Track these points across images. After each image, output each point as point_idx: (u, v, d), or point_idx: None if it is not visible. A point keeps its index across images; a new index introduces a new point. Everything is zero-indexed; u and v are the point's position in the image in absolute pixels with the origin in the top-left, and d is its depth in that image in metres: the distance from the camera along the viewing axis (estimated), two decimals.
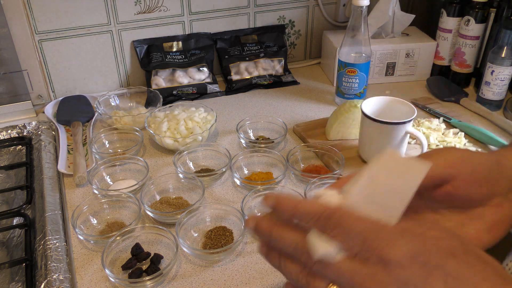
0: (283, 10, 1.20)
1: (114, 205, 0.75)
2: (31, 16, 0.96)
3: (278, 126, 0.94)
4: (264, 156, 0.86)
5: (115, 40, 1.06)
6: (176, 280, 0.63)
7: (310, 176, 0.79)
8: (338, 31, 1.21)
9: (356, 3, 0.92)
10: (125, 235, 0.67)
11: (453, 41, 1.12)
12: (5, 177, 0.86)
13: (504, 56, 0.96)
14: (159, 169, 0.85)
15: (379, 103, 0.83)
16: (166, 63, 1.09)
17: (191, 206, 0.72)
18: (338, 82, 1.03)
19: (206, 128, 0.89)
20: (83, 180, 0.80)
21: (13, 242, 0.71)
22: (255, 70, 1.15)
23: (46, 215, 0.71)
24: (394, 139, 0.78)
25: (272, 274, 0.63)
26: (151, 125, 0.91)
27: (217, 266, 0.65)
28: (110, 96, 1.03)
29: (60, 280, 0.60)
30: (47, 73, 1.03)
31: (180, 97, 1.07)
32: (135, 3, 1.04)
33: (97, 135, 0.91)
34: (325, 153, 0.86)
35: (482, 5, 1.03)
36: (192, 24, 1.12)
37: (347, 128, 0.90)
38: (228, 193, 0.79)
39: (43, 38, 0.99)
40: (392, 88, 1.15)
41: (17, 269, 0.65)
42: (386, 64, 1.14)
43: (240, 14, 1.16)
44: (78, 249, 0.68)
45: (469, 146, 0.89)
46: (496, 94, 1.01)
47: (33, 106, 1.01)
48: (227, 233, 0.68)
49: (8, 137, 0.94)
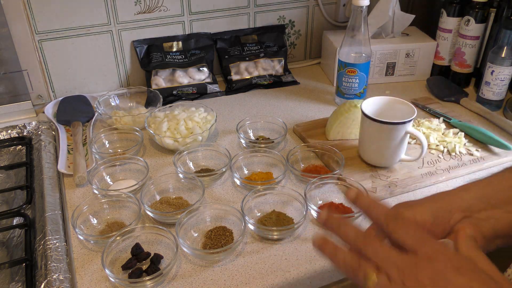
0: (283, 10, 1.20)
1: (114, 205, 0.75)
2: (31, 16, 0.96)
3: (278, 126, 0.94)
4: (264, 156, 0.86)
5: (115, 40, 1.06)
6: (176, 280, 0.63)
7: (310, 176, 0.79)
8: (338, 31, 1.21)
9: (356, 3, 0.92)
10: (125, 235, 0.67)
11: (453, 41, 1.12)
12: (5, 177, 0.86)
13: (504, 56, 0.96)
14: (159, 169, 0.85)
15: (379, 103, 0.83)
16: (166, 63, 1.09)
17: (191, 206, 0.72)
18: (338, 82, 1.03)
19: (206, 128, 0.89)
20: (83, 180, 0.80)
21: (13, 242, 0.71)
22: (255, 70, 1.15)
23: (46, 215, 0.71)
24: (394, 139, 0.79)
25: (272, 274, 0.63)
26: (151, 125, 0.91)
27: (217, 266, 0.65)
28: (110, 96, 1.03)
29: (60, 280, 0.60)
30: (47, 73, 1.03)
31: (180, 97, 1.07)
32: (135, 3, 1.04)
33: (97, 135, 0.91)
34: (325, 153, 0.86)
35: (482, 5, 1.03)
36: (192, 24, 1.12)
37: (347, 128, 0.90)
38: (228, 193, 0.79)
39: (43, 38, 0.99)
40: (392, 88, 1.15)
41: (17, 269, 0.65)
42: (386, 64, 1.14)
43: (240, 14, 1.16)
44: (78, 249, 0.68)
45: (469, 146, 0.89)
46: (496, 94, 1.01)
47: (33, 106, 1.01)
48: (227, 233, 0.68)
49: (8, 137, 0.94)
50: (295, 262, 0.65)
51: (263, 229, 0.69)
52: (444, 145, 0.89)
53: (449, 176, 0.82)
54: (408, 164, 0.84)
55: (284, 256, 0.66)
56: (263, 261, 0.66)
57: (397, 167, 0.83)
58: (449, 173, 0.82)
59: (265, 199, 0.76)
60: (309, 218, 0.73)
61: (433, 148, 0.89)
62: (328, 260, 0.44)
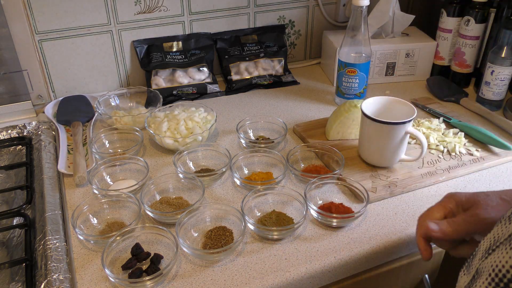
0: (283, 10, 1.20)
1: (114, 205, 0.75)
2: (31, 16, 0.96)
3: (278, 126, 0.94)
4: (264, 156, 0.86)
5: (115, 40, 1.06)
6: (176, 280, 0.63)
7: (310, 176, 0.79)
8: (338, 31, 1.21)
9: (356, 3, 0.92)
10: (125, 235, 0.67)
11: (453, 41, 1.12)
12: (5, 177, 0.86)
13: (504, 56, 0.96)
14: (159, 169, 0.85)
15: (379, 103, 0.83)
16: (166, 63, 1.09)
17: (191, 206, 0.72)
18: (338, 82, 1.03)
19: (206, 128, 0.89)
20: (83, 180, 0.80)
21: (13, 242, 0.71)
22: (255, 70, 1.15)
23: (46, 215, 0.71)
24: (394, 139, 0.79)
25: (272, 274, 0.63)
26: (151, 125, 0.91)
27: (217, 266, 0.65)
28: (110, 96, 1.03)
29: (60, 280, 0.60)
30: (47, 73, 1.03)
31: (180, 97, 1.07)
32: (135, 3, 1.04)
33: (97, 135, 0.91)
34: (325, 153, 0.86)
35: (482, 5, 1.03)
36: (192, 24, 1.12)
37: (347, 128, 0.90)
38: (228, 193, 0.79)
39: (43, 38, 0.99)
40: (392, 88, 1.15)
41: (17, 269, 0.65)
42: (386, 64, 1.14)
43: (240, 14, 1.16)
44: (78, 249, 0.68)
45: (469, 146, 0.89)
46: (496, 94, 1.01)
47: (33, 106, 1.01)
48: (227, 233, 0.68)
49: (8, 137, 0.94)
50: (295, 262, 0.65)
51: (263, 229, 0.69)
52: (444, 145, 0.89)
53: (449, 176, 0.82)
54: (408, 164, 0.84)
55: (284, 256, 0.66)
56: (263, 261, 0.66)
57: (397, 167, 0.83)
58: (449, 173, 0.82)
59: (265, 199, 0.76)
60: (309, 218, 0.74)
61: (433, 148, 0.89)
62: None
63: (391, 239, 0.70)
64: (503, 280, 0.37)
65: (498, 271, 0.38)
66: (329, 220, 0.71)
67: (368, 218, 0.74)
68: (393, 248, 0.70)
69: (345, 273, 0.68)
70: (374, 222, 0.73)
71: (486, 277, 0.39)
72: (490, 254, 0.41)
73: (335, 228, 0.72)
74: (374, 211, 0.75)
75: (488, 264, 0.40)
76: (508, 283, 0.37)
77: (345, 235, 0.70)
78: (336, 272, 0.67)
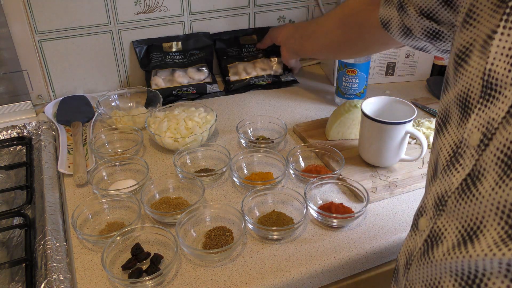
0: (283, 10, 1.20)
1: (114, 205, 0.75)
2: (31, 16, 0.96)
3: (278, 126, 0.94)
4: (264, 156, 0.86)
5: (115, 40, 1.06)
6: (176, 280, 0.63)
7: (310, 176, 0.79)
8: None
9: None
10: (125, 235, 0.67)
11: None
12: (5, 177, 0.86)
13: None
14: (159, 169, 0.85)
15: (379, 103, 0.83)
16: (166, 63, 1.09)
17: (191, 206, 0.72)
18: (338, 82, 1.03)
19: (206, 128, 0.89)
20: (83, 180, 0.80)
21: (13, 242, 0.71)
22: (253, 70, 1.15)
23: (46, 215, 0.71)
24: (394, 139, 0.79)
25: (272, 274, 0.64)
26: (151, 125, 0.91)
27: (217, 266, 0.65)
28: (110, 96, 1.03)
29: (60, 280, 0.60)
30: (47, 73, 1.03)
31: (180, 97, 1.07)
32: (135, 3, 1.04)
33: (97, 135, 0.91)
34: (325, 153, 0.86)
35: None
36: (192, 24, 1.12)
37: (347, 128, 0.90)
38: (228, 193, 0.79)
39: (43, 38, 0.99)
40: (392, 88, 1.15)
41: (17, 269, 0.65)
42: (386, 64, 1.14)
43: (240, 14, 1.16)
44: (78, 249, 0.68)
45: None
46: None
47: (33, 106, 1.01)
48: (227, 233, 0.68)
49: (8, 137, 0.94)
50: (295, 262, 0.65)
51: (263, 229, 0.69)
52: None
53: None
54: (408, 164, 0.84)
55: (284, 256, 0.66)
56: (263, 261, 0.66)
57: (397, 167, 0.83)
58: None
59: (265, 199, 0.76)
60: (309, 218, 0.74)
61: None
62: None
63: (391, 239, 0.70)
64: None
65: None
66: (329, 220, 0.71)
67: (368, 218, 0.74)
68: (393, 248, 0.70)
69: (345, 273, 0.68)
70: (374, 222, 0.73)
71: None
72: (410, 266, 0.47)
73: (335, 228, 0.72)
74: (374, 211, 0.75)
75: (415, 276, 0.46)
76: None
77: (345, 235, 0.70)
78: (336, 272, 0.67)
